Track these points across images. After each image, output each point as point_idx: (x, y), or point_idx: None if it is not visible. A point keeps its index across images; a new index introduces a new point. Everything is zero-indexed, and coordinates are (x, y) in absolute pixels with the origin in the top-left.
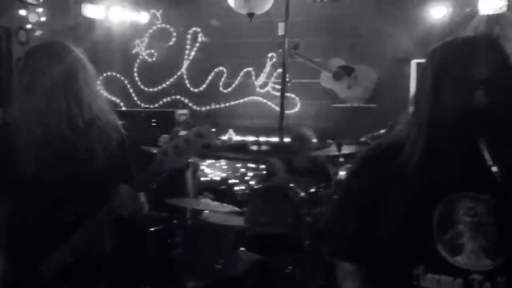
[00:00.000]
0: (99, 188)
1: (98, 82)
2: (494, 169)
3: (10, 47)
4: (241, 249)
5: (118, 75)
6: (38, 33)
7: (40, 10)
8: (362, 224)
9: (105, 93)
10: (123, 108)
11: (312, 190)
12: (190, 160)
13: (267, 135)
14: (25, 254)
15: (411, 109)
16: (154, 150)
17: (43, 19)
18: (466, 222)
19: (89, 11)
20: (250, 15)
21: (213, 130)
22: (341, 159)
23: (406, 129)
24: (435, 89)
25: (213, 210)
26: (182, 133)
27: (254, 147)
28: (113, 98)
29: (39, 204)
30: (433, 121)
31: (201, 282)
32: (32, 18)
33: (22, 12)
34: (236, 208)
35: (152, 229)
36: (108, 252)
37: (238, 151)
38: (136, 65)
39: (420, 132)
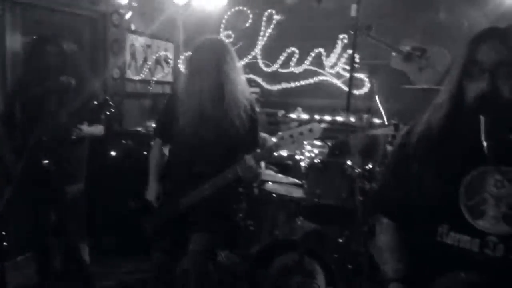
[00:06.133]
0: (231, 151)
1: (240, 69)
2: (485, 144)
3: (106, 30)
4: (299, 217)
5: None
6: (128, 15)
7: None
8: (400, 186)
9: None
10: None
11: (369, 166)
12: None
13: (334, 114)
14: None
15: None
16: None
17: (133, 3)
18: (492, 192)
19: None
20: (319, 0)
21: (322, 126)
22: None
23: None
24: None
25: (276, 181)
26: None
27: None
28: None
29: (184, 153)
30: (454, 104)
31: (261, 245)
32: (124, 1)
33: None
34: (296, 180)
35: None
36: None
37: None
38: None
39: (446, 113)
